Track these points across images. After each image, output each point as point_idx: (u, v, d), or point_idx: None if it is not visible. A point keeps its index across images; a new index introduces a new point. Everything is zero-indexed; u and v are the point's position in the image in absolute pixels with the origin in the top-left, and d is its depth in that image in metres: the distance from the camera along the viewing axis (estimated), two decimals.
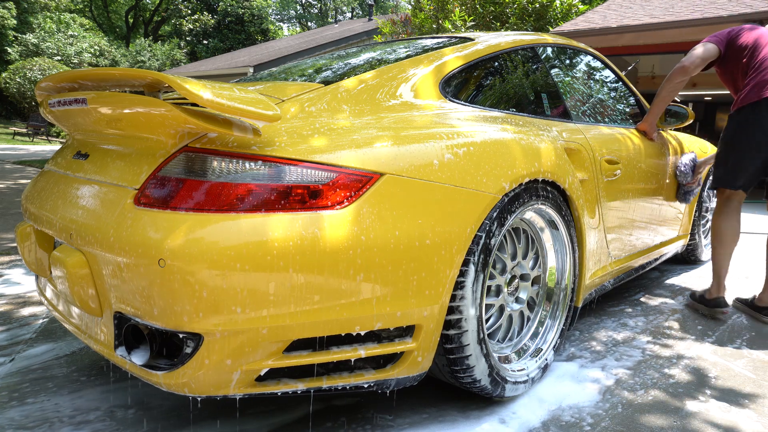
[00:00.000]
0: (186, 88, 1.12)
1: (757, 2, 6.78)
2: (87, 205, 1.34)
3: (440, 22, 9.28)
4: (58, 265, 1.32)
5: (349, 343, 1.33)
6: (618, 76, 2.77)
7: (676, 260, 3.52)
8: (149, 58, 26.94)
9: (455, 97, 1.78)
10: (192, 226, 1.14)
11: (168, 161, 1.24)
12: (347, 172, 1.26)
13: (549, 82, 2.24)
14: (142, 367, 1.26)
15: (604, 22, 7.58)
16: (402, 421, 1.58)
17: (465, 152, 1.48)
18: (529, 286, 1.85)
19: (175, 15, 32.77)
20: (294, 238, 1.17)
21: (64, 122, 1.57)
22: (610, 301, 2.76)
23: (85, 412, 1.62)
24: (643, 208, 2.50)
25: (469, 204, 1.44)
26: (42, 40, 22.95)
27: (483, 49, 1.97)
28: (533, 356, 1.82)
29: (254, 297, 1.16)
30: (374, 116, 1.49)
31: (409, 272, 1.32)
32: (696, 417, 1.63)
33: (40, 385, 1.78)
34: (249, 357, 1.21)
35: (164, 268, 1.12)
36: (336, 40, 16.29)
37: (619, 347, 2.15)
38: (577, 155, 2.00)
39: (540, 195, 1.70)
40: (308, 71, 1.95)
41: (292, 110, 1.40)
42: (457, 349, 1.48)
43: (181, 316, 1.14)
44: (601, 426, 1.57)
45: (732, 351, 2.13)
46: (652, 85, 10.26)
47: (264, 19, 31.70)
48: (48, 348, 2.08)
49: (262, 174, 1.20)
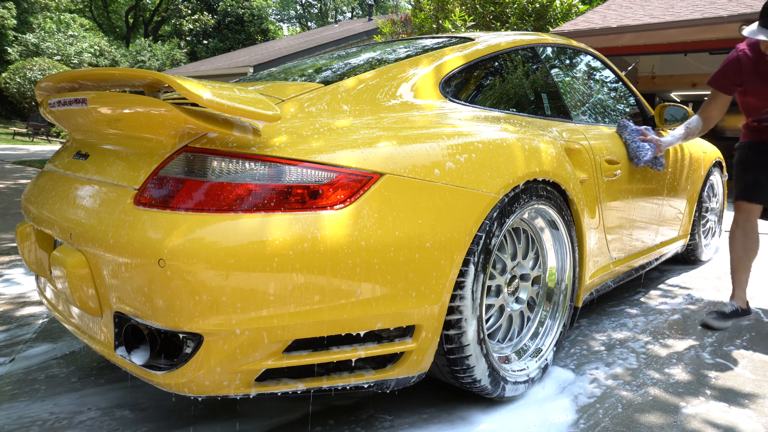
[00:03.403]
0: (186, 88, 1.12)
1: (757, 2, 6.77)
2: (87, 205, 1.34)
3: (440, 22, 9.28)
4: (58, 265, 1.32)
5: (349, 343, 1.33)
6: (618, 76, 2.77)
7: (676, 260, 3.52)
8: (149, 58, 26.93)
9: (455, 97, 1.78)
10: (192, 226, 1.14)
11: (168, 161, 1.24)
12: (347, 172, 1.26)
13: (549, 82, 2.24)
14: (142, 367, 1.26)
15: (604, 22, 7.58)
16: (402, 421, 1.58)
17: (465, 152, 1.48)
18: (529, 287, 1.85)
19: (175, 15, 32.77)
20: (294, 238, 1.17)
21: (64, 122, 1.57)
22: (610, 301, 2.76)
23: (84, 412, 1.62)
24: (642, 208, 2.50)
25: (469, 204, 1.44)
26: (42, 40, 22.95)
27: (483, 49, 1.97)
28: (533, 356, 1.82)
29: (254, 297, 1.16)
30: (374, 116, 1.49)
31: (409, 272, 1.32)
32: (696, 417, 1.63)
33: (40, 384, 1.78)
34: (249, 357, 1.21)
35: (164, 268, 1.12)
36: (336, 40, 16.28)
37: (618, 347, 2.15)
38: (577, 155, 2.00)
39: (540, 195, 1.70)
40: (308, 71, 1.95)
41: (291, 110, 1.40)
42: (457, 350, 1.48)
43: (181, 316, 1.14)
44: (600, 426, 1.57)
45: (732, 351, 2.13)
46: (652, 85, 10.26)
47: (264, 19, 31.69)
48: (48, 348, 2.08)
49: (262, 174, 1.20)
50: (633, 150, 2.35)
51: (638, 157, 2.34)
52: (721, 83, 2.38)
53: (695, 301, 2.76)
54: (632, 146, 2.35)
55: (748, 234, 2.40)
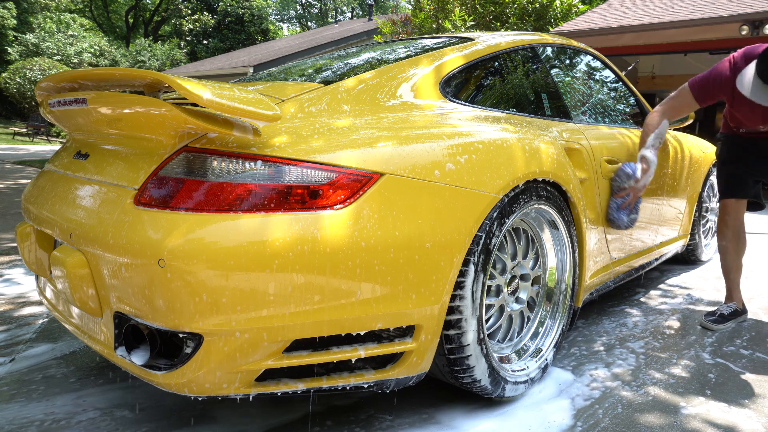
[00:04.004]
0: (186, 88, 1.12)
1: (757, 2, 6.77)
2: (87, 205, 1.34)
3: (440, 22, 9.28)
4: (58, 265, 1.32)
5: (349, 343, 1.33)
6: (618, 76, 2.77)
7: (676, 260, 3.52)
8: (149, 58, 26.93)
9: (455, 97, 1.78)
10: (192, 226, 1.14)
11: (168, 161, 1.24)
12: (347, 172, 1.26)
13: (549, 82, 2.24)
14: (141, 367, 1.26)
15: (604, 22, 7.58)
16: (402, 421, 1.58)
17: (465, 152, 1.48)
18: (529, 286, 1.85)
19: (175, 15, 32.76)
20: (294, 238, 1.17)
21: (64, 122, 1.57)
22: (609, 301, 2.76)
23: (84, 412, 1.62)
24: (642, 208, 2.50)
25: (469, 204, 1.44)
26: (42, 40, 22.94)
27: (483, 49, 1.97)
28: (533, 356, 1.82)
29: (254, 297, 1.16)
30: (374, 116, 1.49)
31: (409, 272, 1.32)
32: (696, 417, 1.63)
33: (39, 385, 1.78)
34: (249, 357, 1.21)
35: (164, 268, 1.12)
36: (336, 40, 16.28)
37: (618, 347, 2.15)
38: (577, 155, 2.00)
39: (540, 195, 1.70)
40: (308, 71, 1.95)
41: (291, 110, 1.40)
42: (457, 350, 1.48)
43: (181, 316, 1.14)
44: (600, 426, 1.57)
45: (732, 351, 2.13)
46: (652, 85, 10.26)
47: (264, 19, 31.69)
48: (48, 348, 2.08)
49: (261, 174, 1.20)
50: (608, 215, 2.20)
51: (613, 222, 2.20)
52: (700, 93, 2.22)
53: (695, 301, 2.75)
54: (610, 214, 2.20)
55: (738, 233, 2.41)
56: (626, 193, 2.17)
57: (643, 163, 2.21)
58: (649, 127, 2.31)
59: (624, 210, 2.19)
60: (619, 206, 2.17)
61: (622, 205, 2.18)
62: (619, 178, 2.17)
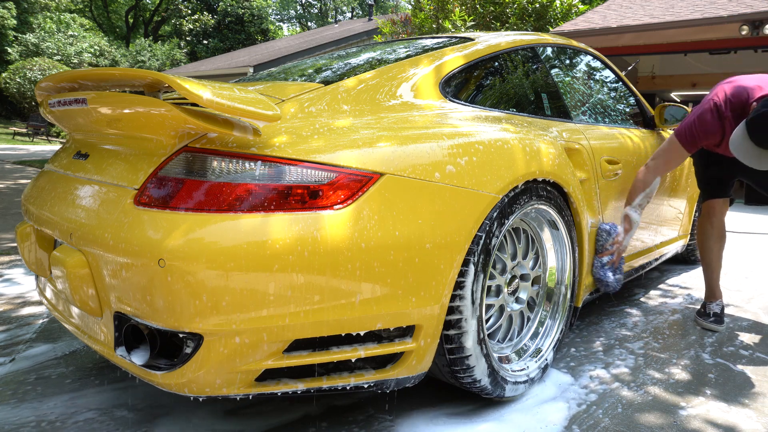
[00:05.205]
0: (186, 88, 1.12)
1: (757, 2, 6.77)
2: (87, 205, 1.34)
3: (440, 22, 9.28)
4: (58, 265, 1.32)
5: (349, 343, 1.33)
6: (618, 76, 2.77)
7: (676, 260, 3.52)
8: (149, 58, 26.93)
9: (455, 97, 1.78)
10: (192, 226, 1.14)
11: (168, 161, 1.24)
12: (347, 172, 1.26)
13: (549, 82, 2.24)
14: (141, 367, 1.26)
15: (604, 22, 7.58)
16: (402, 421, 1.58)
17: (465, 152, 1.48)
18: (529, 286, 1.85)
19: (175, 15, 32.76)
20: (294, 238, 1.17)
21: (64, 122, 1.57)
22: (609, 301, 2.76)
23: (84, 412, 1.62)
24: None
25: (469, 204, 1.44)
26: (42, 40, 22.95)
27: (483, 49, 1.97)
28: (533, 356, 1.82)
29: (254, 297, 1.16)
30: (374, 116, 1.49)
31: (409, 272, 1.32)
32: (696, 417, 1.63)
33: (39, 385, 1.78)
34: (249, 357, 1.21)
35: (164, 268, 1.12)
36: (336, 40, 16.28)
37: (618, 347, 2.15)
38: (577, 155, 2.00)
39: (540, 195, 1.70)
40: (308, 71, 1.95)
41: (291, 110, 1.40)
42: (457, 350, 1.48)
43: (181, 316, 1.14)
44: (600, 426, 1.57)
45: (732, 351, 2.13)
46: (652, 85, 10.26)
47: (264, 19, 31.69)
48: (48, 348, 2.08)
49: (262, 174, 1.20)
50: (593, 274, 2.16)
51: (600, 282, 2.16)
52: (688, 142, 2.16)
53: (695, 301, 2.75)
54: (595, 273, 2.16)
55: (722, 232, 2.44)
56: (609, 252, 2.12)
57: (626, 222, 2.17)
58: (639, 183, 2.22)
59: (608, 267, 2.14)
60: (603, 265, 2.13)
61: (606, 264, 2.13)
62: (601, 238, 2.13)
